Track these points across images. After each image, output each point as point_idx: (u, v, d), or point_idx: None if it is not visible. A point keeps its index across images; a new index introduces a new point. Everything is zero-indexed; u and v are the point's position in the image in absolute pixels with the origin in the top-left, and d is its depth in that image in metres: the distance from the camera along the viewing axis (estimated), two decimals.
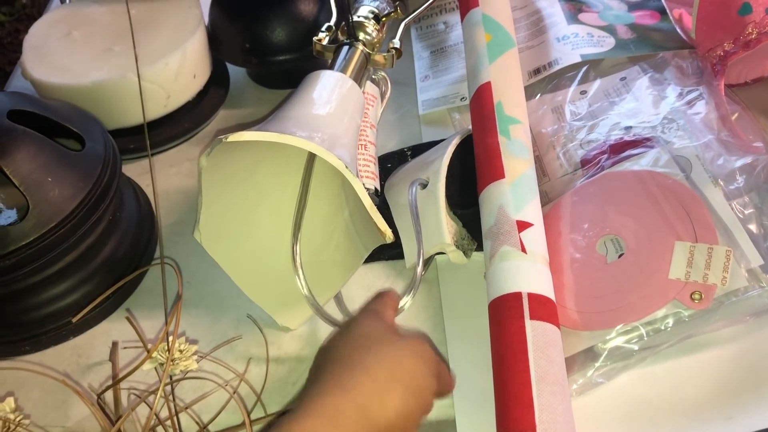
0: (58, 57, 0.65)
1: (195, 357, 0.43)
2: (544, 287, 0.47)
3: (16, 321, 0.52)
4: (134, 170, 0.66)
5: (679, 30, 0.67)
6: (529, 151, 0.54)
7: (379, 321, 0.46)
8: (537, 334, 0.45)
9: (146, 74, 0.63)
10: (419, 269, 0.50)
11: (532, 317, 0.45)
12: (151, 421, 0.38)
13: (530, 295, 0.46)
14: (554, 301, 0.47)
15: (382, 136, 0.67)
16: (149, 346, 0.42)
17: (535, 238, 0.49)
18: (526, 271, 0.47)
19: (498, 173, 0.52)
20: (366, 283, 0.55)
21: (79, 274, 0.53)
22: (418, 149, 0.64)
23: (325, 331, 0.52)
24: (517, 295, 0.46)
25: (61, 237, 0.49)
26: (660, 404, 0.46)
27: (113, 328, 0.54)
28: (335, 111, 0.51)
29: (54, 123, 0.53)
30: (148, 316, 0.54)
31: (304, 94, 0.51)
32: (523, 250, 0.48)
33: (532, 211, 0.50)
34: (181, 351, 0.41)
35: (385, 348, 0.42)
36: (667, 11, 0.70)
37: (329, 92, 0.52)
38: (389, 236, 0.46)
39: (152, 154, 0.68)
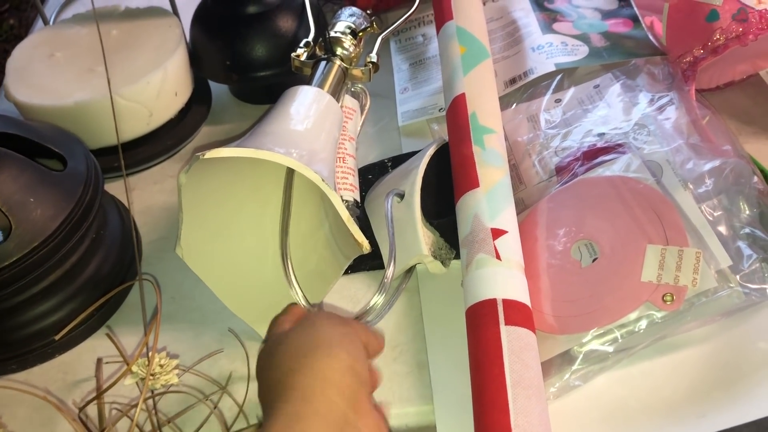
0: (41, 78, 0.66)
1: (176, 371, 0.43)
2: (519, 293, 0.48)
3: (1, 340, 0.53)
4: (119, 188, 0.66)
5: (651, 37, 0.68)
6: (503, 160, 0.55)
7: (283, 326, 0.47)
8: (512, 339, 0.45)
9: (128, 93, 0.64)
10: (389, 272, 0.51)
11: (507, 323, 0.46)
12: None
13: (505, 301, 0.47)
14: (529, 306, 0.48)
15: (363, 148, 0.68)
16: (130, 361, 0.42)
17: (510, 244, 0.50)
18: (501, 277, 0.48)
19: (473, 182, 0.53)
20: (348, 293, 0.56)
21: (64, 292, 0.54)
22: (399, 160, 0.65)
23: None
24: (492, 302, 0.47)
25: (44, 256, 0.50)
26: (636, 405, 0.47)
27: (99, 345, 0.54)
28: (313, 126, 0.52)
29: (36, 144, 0.54)
30: (132, 331, 0.55)
31: (282, 110, 0.52)
32: (498, 257, 0.49)
33: (506, 218, 0.51)
34: (161, 366, 0.42)
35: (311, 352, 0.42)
36: (640, 19, 0.71)
37: (307, 107, 0.53)
38: (366, 247, 0.47)
39: (135, 172, 0.69)
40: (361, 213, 0.60)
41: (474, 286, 0.49)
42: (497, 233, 0.50)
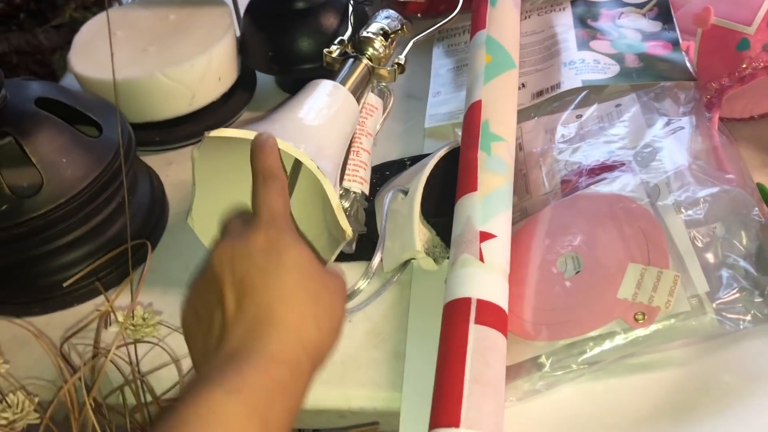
0: (100, 54, 0.72)
1: (158, 326, 0.47)
2: (496, 296, 0.49)
3: (28, 285, 0.58)
4: (157, 161, 0.72)
5: (687, 62, 0.68)
6: (507, 168, 0.57)
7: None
8: (479, 338, 0.47)
9: (173, 74, 0.69)
10: (375, 261, 0.54)
11: (477, 321, 0.48)
12: (102, 367, 0.43)
13: (479, 301, 0.48)
14: (505, 310, 0.49)
15: (387, 145, 0.71)
16: (120, 313, 0.47)
17: (497, 249, 0.51)
18: (481, 278, 0.50)
19: (472, 185, 0.55)
20: (347, 281, 0.59)
21: (87, 247, 0.59)
22: (417, 160, 0.68)
23: None
24: (467, 300, 0.49)
25: (70, 212, 0.55)
26: (595, 420, 0.47)
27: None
28: (324, 119, 0.55)
29: (77, 112, 0.59)
30: (144, 291, 0.60)
31: (298, 101, 0.55)
32: (482, 258, 0.51)
33: (498, 223, 0.53)
34: (144, 318, 0.46)
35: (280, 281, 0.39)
36: (680, 43, 0.70)
37: (321, 101, 0.56)
38: (348, 233, 0.49)
39: (174, 148, 0.74)
40: (369, 206, 0.62)
41: (454, 284, 0.50)
42: (485, 236, 0.52)
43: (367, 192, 0.62)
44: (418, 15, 0.86)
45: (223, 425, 0.33)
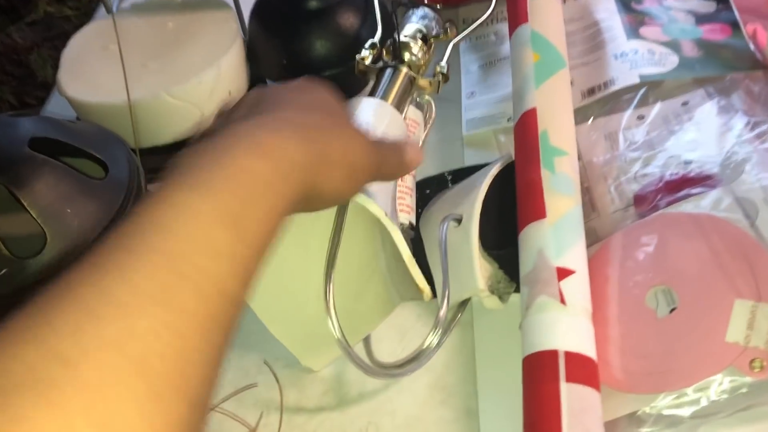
0: (94, 73, 0.64)
1: None
2: (585, 345, 0.43)
3: None
4: None
5: (753, 47, 0.61)
6: (575, 187, 0.50)
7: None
8: (573, 399, 0.41)
9: (179, 93, 0.61)
10: (442, 312, 0.47)
11: (568, 379, 0.41)
12: None
13: (567, 354, 0.42)
14: (595, 360, 0.43)
15: (424, 157, 0.63)
16: None
17: (578, 287, 0.45)
18: (565, 325, 0.43)
19: (539, 212, 0.48)
20: (396, 322, 0.52)
21: None
22: (460, 174, 0.61)
23: (352, 373, 0.50)
24: (553, 354, 0.42)
25: None
26: None
27: None
28: None
29: (77, 149, 0.52)
30: None
31: None
32: (563, 301, 0.44)
33: (575, 255, 0.46)
34: None
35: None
36: (740, 25, 0.63)
37: (368, 122, 0.49)
38: (427, 294, 0.43)
39: None
40: (414, 234, 0.56)
41: (533, 333, 0.44)
42: (563, 273, 0.45)
43: (414, 221, 0.55)
44: (437, 6, 0.78)
45: (182, 230, 0.25)
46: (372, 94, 0.52)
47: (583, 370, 0.42)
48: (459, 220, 0.52)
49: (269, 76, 0.69)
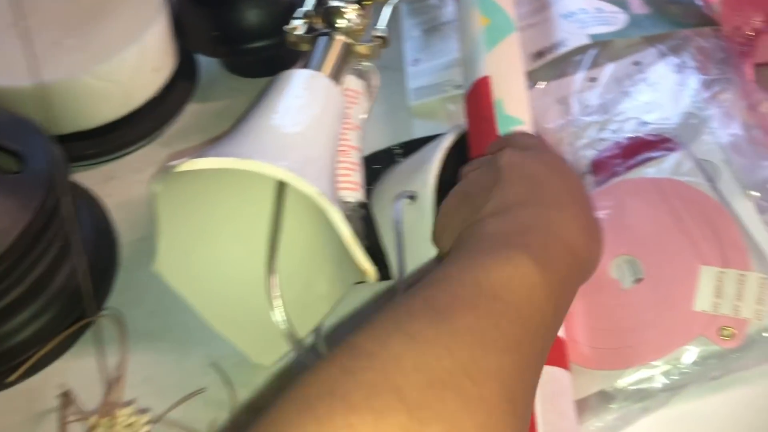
0: (2, 53, 0.58)
1: (148, 427, 0.37)
2: None
3: None
4: (93, 178, 0.59)
5: (701, 2, 0.59)
6: None
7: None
8: (545, 381, 0.39)
9: (100, 72, 0.56)
10: (400, 293, 0.44)
11: None
12: None
13: None
14: (564, 339, 0.41)
15: (369, 130, 0.60)
16: (91, 419, 0.36)
17: None
18: None
19: None
20: (350, 308, 0.49)
21: (29, 309, 0.47)
22: (410, 147, 0.58)
23: (305, 367, 0.46)
24: None
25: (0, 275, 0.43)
26: None
27: (69, 368, 0.48)
28: (308, 122, 0.44)
29: None
30: (111, 351, 0.48)
31: (270, 103, 0.44)
32: None
33: None
34: (129, 425, 0.36)
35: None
36: None
37: (300, 99, 0.45)
38: (372, 275, 0.40)
39: (112, 159, 0.61)
40: (366, 212, 0.53)
41: None
42: None
43: (362, 198, 0.52)
44: None
45: (526, 294, 0.30)
46: (306, 66, 0.49)
47: (553, 351, 0.40)
48: (413, 197, 0.49)
49: (199, 50, 0.64)
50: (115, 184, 0.60)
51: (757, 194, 0.43)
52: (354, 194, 0.51)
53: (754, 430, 0.40)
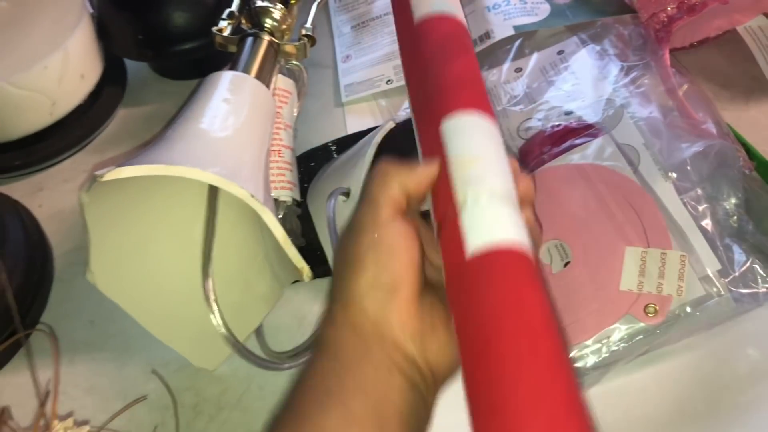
0: None
1: None
2: None
3: None
4: (23, 189, 0.58)
5: None
6: None
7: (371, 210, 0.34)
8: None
9: (22, 81, 0.54)
10: None
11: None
12: None
13: None
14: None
15: (303, 129, 0.60)
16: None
17: None
18: None
19: None
20: (292, 307, 0.50)
21: None
22: (344, 143, 0.58)
23: (249, 369, 0.47)
24: None
25: None
26: (613, 423, 0.42)
27: (5, 385, 0.47)
28: (237, 125, 0.44)
29: None
30: (47, 364, 0.48)
31: (198, 107, 0.44)
32: None
33: None
34: None
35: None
36: None
37: (228, 101, 0.45)
38: (307, 273, 0.40)
39: (41, 169, 0.60)
40: (303, 210, 0.53)
41: None
42: None
43: (298, 197, 0.52)
44: None
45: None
46: (233, 67, 0.48)
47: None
48: (347, 194, 0.50)
49: (125, 54, 0.63)
50: (45, 195, 0.59)
51: (675, 176, 0.45)
52: (289, 193, 0.51)
53: (680, 401, 0.42)
